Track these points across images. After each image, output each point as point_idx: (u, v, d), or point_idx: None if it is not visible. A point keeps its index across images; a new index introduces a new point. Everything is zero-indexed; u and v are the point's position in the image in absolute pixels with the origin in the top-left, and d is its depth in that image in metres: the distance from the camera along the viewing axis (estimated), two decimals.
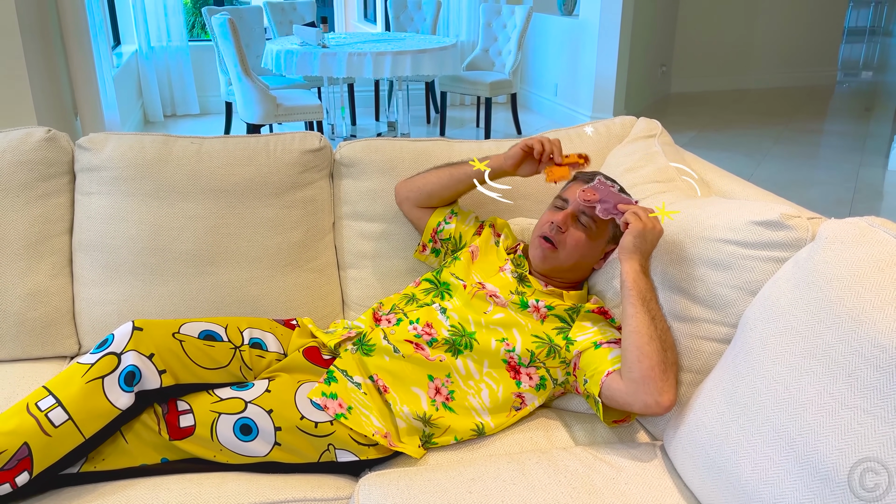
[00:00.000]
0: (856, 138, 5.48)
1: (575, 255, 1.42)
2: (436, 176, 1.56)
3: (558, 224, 1.41)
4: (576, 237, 1.41)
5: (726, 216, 1.30)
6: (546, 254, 1.42)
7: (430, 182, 1.56)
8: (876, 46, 11.26)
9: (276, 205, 1.64)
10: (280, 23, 5.49)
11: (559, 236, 1.41)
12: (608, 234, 1.45)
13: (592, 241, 1.43)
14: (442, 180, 1.55)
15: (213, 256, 1.59)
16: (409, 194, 1.59)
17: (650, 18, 5.84)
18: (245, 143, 1.66)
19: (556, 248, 1.41)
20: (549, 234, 1.42)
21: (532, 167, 1.48)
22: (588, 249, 1.43)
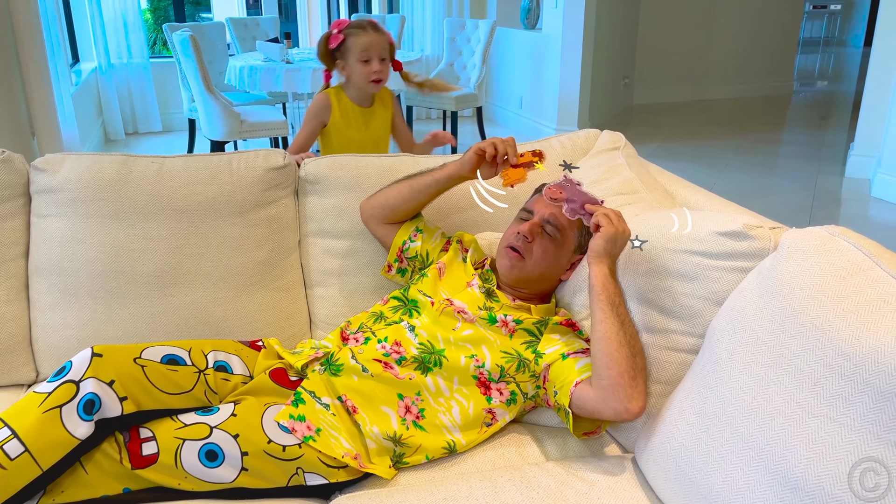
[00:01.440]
0: (813, 147, 5.61)
1: (542, 265, 1.42)
2: (396, 190, 1.55)
3: (525, 233, 1.41)
4: (542, 246, 1.41)
5: (692, 228, 1.31)
6: (513, 263, 1.42)
7: (392, 197, 1.55)
8: (830, 56, 11.57)
9: (239, 224, 1.61)
10: (243, 39, 5.45)
11: (526, 245, 1.41)
12: (574, 242, 1.45)
13: (559, 251, 1.43)
14: (402, 193, 1.54)
15: (175, 278, 1.56)
16: (373, 212, 1.58)
17: (611, 31, 5.92)
18: (207, 161, 1.63)
19: (522, 258, 1.41)
20: (515, 244, 1.42)
21: (490, 170, 1.47)
22: (555, 259, 1.43)
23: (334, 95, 2.35)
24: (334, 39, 2.25)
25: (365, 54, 2.23)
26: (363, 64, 2.24)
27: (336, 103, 2.34)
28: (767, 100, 7.54)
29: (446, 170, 1.51)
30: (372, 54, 2.24)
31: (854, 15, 12.44)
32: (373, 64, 2.25)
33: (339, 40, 2.24)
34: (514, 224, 1.47)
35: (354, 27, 2.24)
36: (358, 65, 2.25)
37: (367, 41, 2.23)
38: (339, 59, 2.28)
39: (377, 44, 2.24)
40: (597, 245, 1.29)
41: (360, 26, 2.24)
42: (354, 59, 2.24)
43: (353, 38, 2.23)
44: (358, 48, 2.22)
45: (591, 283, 1.28)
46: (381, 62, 2.26)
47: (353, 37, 2.23)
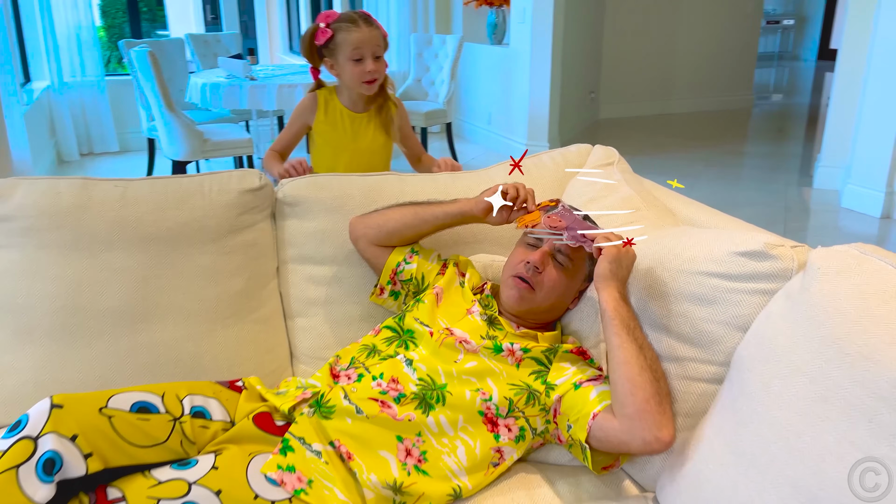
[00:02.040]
0: (777, 158, 5.66)
1: (552, 296, 1.33)
2: (399, 213, 1.45)
3: (535, 263, 1.31)
4: (553, 277, 1.32)
5: (705, 247, 1.23)
6: (523, 294, 1.32)
7: (393, 220, 1.45)
8: (785, 70, 11.81)
9: (213, 251, 1.48)
10: (203, 55, 5.30)
11: (536, 277, 1.32)
12: (584, 271, 1.36)
13: (569, 280, 1.34)
14: (406, 219, 1.44)
15: (143, 312, 1.42)
16: (366, 231, 1.47)
17: (577, 46, 5.91)
18: (176, 184, 1.50)
19: (532, 289, 1.32)
20: (524, 275, 1.32)
21: (503, 215, 1.37)
22: (565, 289, 1.34)
23: (323, 96, 2.14)
24: (321, 34, 2.00)
25: (357, 52, 1.99)
26: (355, 63, 2.00)
27: (323, 105, 2.13)
28: (728, 113, 7.62)
29: (458, 206, 1.42)
30: (365, 52, 1.99)
31: (807, 30, 12.74)
32: (366, 62, 2.01)
33: (326, 36, 1.99)
34: (520, 250, 1.37)
35: (344, 20, 1.99)
36: (349, 64, 2.01)
37: (358, 37, 1.98)
38: (328, 57, 2.05)
39: (371, 39, 2.00)
40: (602, 268, 1.20)
41: (350, 20, 1.99)
42: (345, 57, 2.00)
43: (343, 33, 1.98)
44: (349, 45, 1.98)
45: (603, 309, 1.19)
46: (375, 60, 2.02)
47: (343, 32, 1.98)
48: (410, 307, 1.39)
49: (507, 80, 5.49)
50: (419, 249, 1.48)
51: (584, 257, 1.35)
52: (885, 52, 3.87)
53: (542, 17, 5.01)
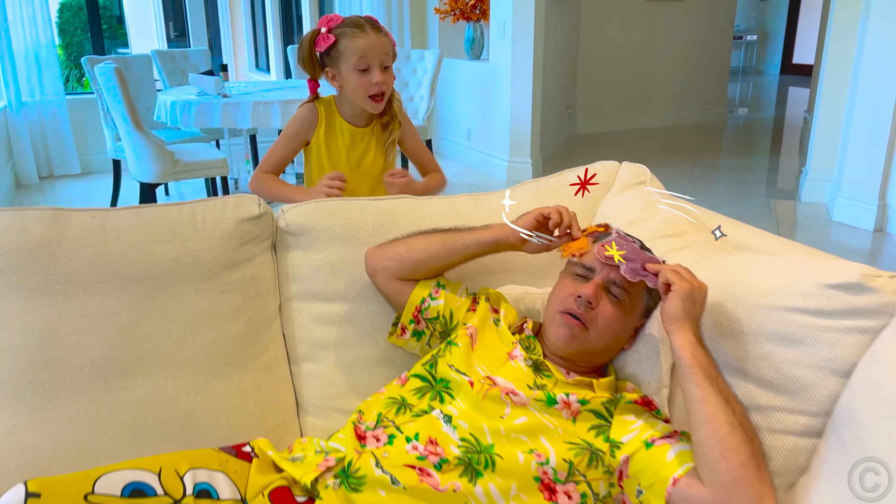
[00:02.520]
0: (759, 172, 5.62)
1: (607, 335, 1.16)
2: (424, 243, 1.27)
3: (588, 298, 1.14)
4: (608, 313, 1.15)
5: (786, 278, 1.07)
6: (574, 333, 1.15)
7: (417, 250, 1.27)
8: (749, 84, 11.95)
9: (208, 290, 1.29)
10: (171, 73, 5.07)
11: (589, 313, 1.15)
12: (642, 306, 1.20)
13: (626, 316, 1.17)
14: (433, 249, 1.26)
15: (127, 365, 1.22)
16: (386, 263, 1.29)
17: (555, 61, 5.82)
18: (164, 213, 1.31)
19: (586, 328, 1.15)
20: (575, 311, 1.15)
21: (543, 243, 1.22)
22: (621, 327, 1.17)
23: (324, 108, 1.90)
24: (323, 41, 1.77)
25: (363, 61, 1.76)
26: (361, 74, 1.77)
27: (324, 117, 1.89)
28: (704, 126, 7.60)
29: (492, 233, 1.25)
30: (372, 60, 1.77)
31: (769, 45, 12.93)
32: (373, 73, 1.77)
33: (328, 42, 1.76)
34: (567, 282, 1.20)
35: (349, 26, 1.76)
36: (354, 74, 1.78)
37: (365, 44, 1.75)
38: (329, 67, 1.82)
39: (378, 47, 1.77)
40: (673, 307, 1.05)
41: (356, 24, 1.77)
42: (349, 67, 1.77)
43: (348, 39, 1.75)
44: (354, 54, 1.75)
45: (678, 355, 1.03)
46: (383, 71, 1.79)
47: (348, 38, 1.75)
48: (442, 351, 1.21)
49: (487, 95, 5.36)
50: (446, 283, 1.31)
51: (642, 290, 1.19)
52: (873, 65, 3.82)
53: (523, 32, 4.90)
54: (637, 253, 1.13)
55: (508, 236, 1.22)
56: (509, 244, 1.24)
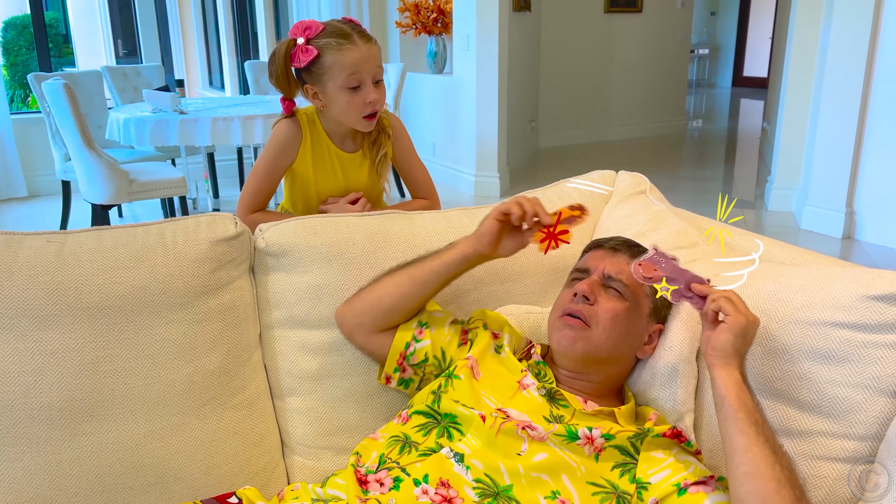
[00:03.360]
0: (723, 182, 5.66)
1: (613, 334, 1.07)
2: (392, 285, 1.17)
3: (584, 292, 1.06)
4: (609, 307, 1.07)
5: (822, 291, 1.00)
6: (576, 333, 1.06)
7: (387, 295, 1.16)
8: (703, 97, 12.17)
9: (181, 320, 1.15)
10: (123, 89, 4.87)
11: (588, 308, 1.06)
12: (648, 305, 1.11)
13: (631, 314, 1.08)
14: (402, 288, 1.16)
15: (91, 407, 1.07)
16: (361, 320, 1.18)
17: (517, 75, 5.79)
18: (129, 236, 1.17)
19: (587, 325, 1.06)
20: (574, 309, 1.07)
21: (516, 241, 1.13)
22: (629, 325, 1.08)
23: (307, 124, 1.63)
24: (302, 54, 1.49)
25: (354, 78, 1.50)
26: (351, 92, 1.52)
27: (309, 135, 1.62)
28: (664, 138, 7.67)
29: (458, 249, 1.14)
30: (364, 76, 1.51)
31: (720, 58, 13.21)
32: (366, 91, 1.52)
33: (310, 56, 1.48)
34: (565, 290, 1.12)
35: (333, 36, 1.49)
36: (342, 94, 1.52)
37: (356, 58, 1.49)
38: (310, 84, 1.54)
39: (370, 59, 1.52)
40: (723, 341, 0.94)
41: (341, 34, 1.49)
42: (337, 85, 1.51)
43: (334, 53, 1.48)
44: (342, 69, 1.49)
45: (720, 395, 0.92)
46: (376, 86, 1.55)
47: (334, 52, 1.48)
48: (444, 387, 1.09)
49: (451, 109, 5.28)
50: (429, 319, 1.19)
51: (643, 286, 1.10)
52: (837, 75, 3.86)
53: (487, 45, 4.85)
54: (679, 271, 1.01)
55: (475, 247, 1.12)
56: (480, 255, 1.13)
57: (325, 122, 1.64)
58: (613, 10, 7.06)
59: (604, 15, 7.04)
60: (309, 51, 1.49)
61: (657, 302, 1.11)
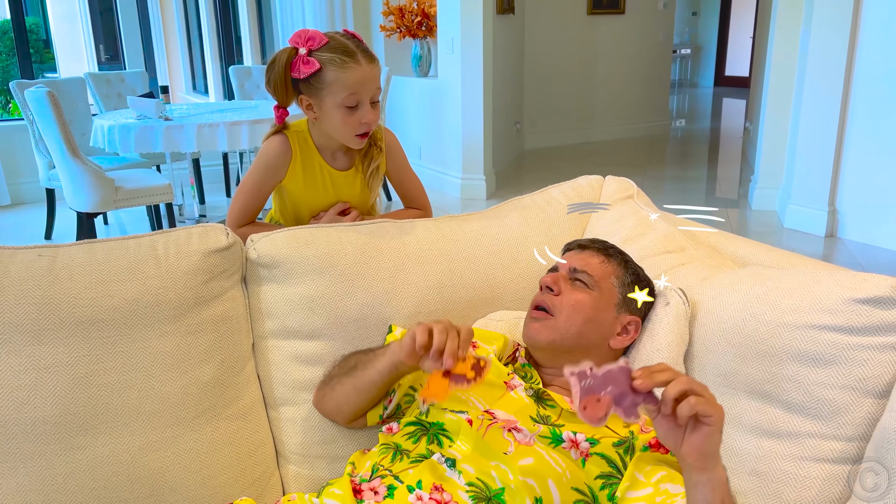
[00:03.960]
0: (707, 182, 5.71)
1: (577, 320, 1.11)
2: (342, 395, 1.17)
3: (547, 284, 1.14)
4: (573, 297, 1.13)
5: (809, 294, 1.01)
6: (542, 324, 1.12)
7: (343, 403, 1.18)
8: (685, 97, 12.26)
9: (174, 332, 1.15)
10: (106, 96, 4.84)
11: (552, 298, 1.13)
12: (616, 296, 1.14)
13: (595, 301, 1.13)
14: (351, 398, 1.16)
15: (85, 421, 1.07)
16: (333, 417, 1.23)
17: (502, 77, 5.81)
18: (121, 248, 1.17)
19: (551, 315, 1.12)
20: (539, 300, 1.14)
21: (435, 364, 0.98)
22: (592, 312, 1.12)
23: (297, 142, 1.59)
24: (304, 66, 1.46)
25: (353, 98, 1.47)
26: (348, 111, 1.49)
27: (299, 153, 1.59)
28: (648, 139, 7.72)
29: (388, 357, 1.08)
30: (363, 97, 1.49)
31: (702, 58, 13.31)
32: (363, 111, 1.49)
33: (311, 69, 1.45)
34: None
35: (338, 52, 1.46)
36: (338, 111, 1.49)
37: (358, 77, 1.46)
38: (307, 96, 1.51)
39: (372, 80, 1.49)
40: (714, 443, 0.80)
41: (345, 51, 1.46)
42: (335, 102, 1.48)
43: (336, 70, 1.45)
44: (343, 88, 1.46)
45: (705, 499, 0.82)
46: (372, 107, 1.52)
47: (336, 69, 1.45)
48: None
49: (437, 112, 5.29)
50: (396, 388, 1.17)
51: (611, 276, 1.16)
52: (818, 75, 3.91)
53: (472, 48, 4.86)
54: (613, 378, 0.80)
55: (399, 356, 1.04)
56: (410, 366, 1.05)
57: (315, 136, 1.61)
58: (596, 12, 7.11)
59: (587, 17, 7.08)
60: (311, 63, 1.45)
61: (625, 290, 1.16)
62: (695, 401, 0.78)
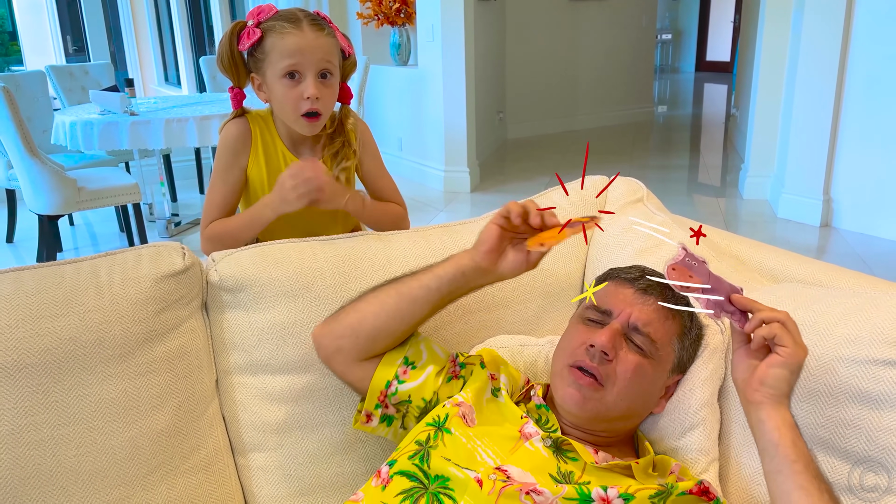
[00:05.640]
0: (693, 170, 5.59)
1: (629, 395, 0.92)
2: (377, 303, 0.99)
3: (603, 347, 0.90)
4: (629, 367, 0.91)
5: (868, 321, 0.86)
6: (586, 395, 0.91)
7: (371, 314, 0.99)
8: (667, 82, 12.16)
9: (120, 375, 0.98)
10: (69, 90, 4.60)
11: (605, 367, 0.91)
12: (672, 359, 0.96)
13: (654, 371, 0.93)
14: (388, 307, 0.99)
15: (14, 487, 0.90)
16: (340, 342, 1.01)
17: (483, 65, 5.63)
18: (55, 276, 0.99)
19: (601, 385, 0.91)
20: (587, 364, 0.91)
21: (520, 254, 0.94)
22: (648, 385, 0.94)
23: (257, 125, 1.44)
24: (246, 36, 1.34)
25: (290, 64, 1.31)
26: (289, 84, 1.33)
27: (259, 137, 1.44)
28: (632, 126, 7.59)
29: (453, 263, 0.97)
30: (305, 66, 1.32)
31: (683, 43, 13.21)
32: (305, 83, 1.33)
33: (253, 38, 1.32)
34: (578, 329, 0.96)
35: (281, 19, 1.33)
36: (279, 84, 1.34)
37: (295, 43, 1.31)
38: (255, 72, 1.38)
39: (316, 49, 1.32)
40: (777, 377, 0.82)
41: (289, 17, 1.33)
42: (274, 72, 1.33)
43: (275, 36, 1.32)
44: (280, 55, 1.32)
45: (774, 443, 0.81)
46: (320, 81, 1.34)
47: (276, 35, 1.32)
48: (433, 440, 0.94)
49: (417, 102, 5.11)
50: (415, 355, 1.03)
51: (672, 339, 0.96)
52: (811, 61, 3.78)
53: (452, 35, 4.68)
54: (714, 279, 0.84)
55: (475, 260, 0.94)
56: (479, 270, 0.95)
57: (278, 124, 1.45)
58: None
59: (569, 2, 6.91)
60: (254, 32, 1.33)
61: (683, 354, 0.97)
62: (777, 327, 0.81)
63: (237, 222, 1.41)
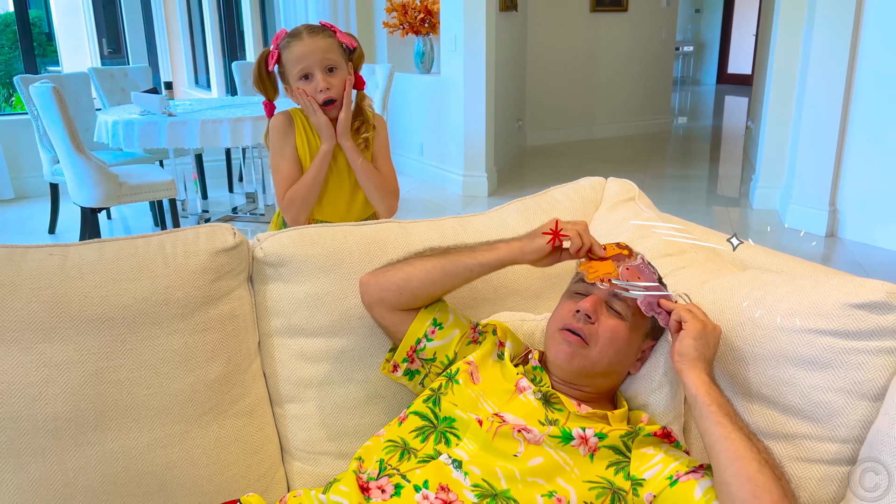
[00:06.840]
0: (707, 181, 5.73)
1: (610, 351, 1.10)
2: (422, 269, 1.18)
3: (587, 311, 1.09)
4: (609, 327, 1.10)
5: (806, 299, 1.03)
6: (574, 350, 1.09)
7: (416, 278, 1.18)
8: (687, 94, 12.25)
9: (183, 330, 1.17)
10: (110, 91, 4.85)
11: (589, 327, 1.09)
12: (646, 325, 1.14)
13: (630, 333, 1.11)
14: (432, 275, 1.17)
15: (96, 418, 1.10)
16: (384, 294, 1.19)
17: (504, 74, 5.82)
18: (130, 248, 1.19)
19: (586, 343, 1.09)
20: (574, 326, 1.09)
21: (555, 258, 1.16)
22: (625, 344, 1.11)
23: (298, 116, 1.82)
24: (270, 59, 1.75)
25: (302, 68, 1.71)
26: (304, 82, 1.73)
27: (300, 125, 1.81)
28: (649, 136, 7.73)
29: (498, 254, 1.16)
30: (312, 66, 1.71)
31: (705, 56, 13.31)
32: (315, 79, 1.71)
33: (275, 59, 1.75)
34: (568, 303, 1.14)
35: (287, 37, 1.74)
36: (299, 84, 1.74)
37: (300, 51, 1.70)
38: (284, 84, 1.79)
39: (316, 51, 1.70)
40: (686, 346, 1.02)
41: (293, 34, 1.73)
42: (294, 78, 1.74)
43: (287, 51, 1.72)
44: (293, 64, 1.72)
45: (692, 395, 0.98)
46: (327, 74, 1.72)
47: (287, 50, 1.72)
48: (444, 388, 1.12)
49: (439, 109, 5.31)
50: (443, 318, 1.22)
51: None
52: (819, 74, 3.92)
53: (474, 45, 4.87)
54: (657, 288, 1.09)
55: (521, 257, 1.15)
56: (517, 262, 1.17)
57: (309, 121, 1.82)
58: (599, 10, 7.11)
59: (589, 14, 7.08)
60: (274, 54, 1.74)
61: (654, 321, 1.15)
62: (682, 311, 1.04)
63: (305, 178, 1.78)
